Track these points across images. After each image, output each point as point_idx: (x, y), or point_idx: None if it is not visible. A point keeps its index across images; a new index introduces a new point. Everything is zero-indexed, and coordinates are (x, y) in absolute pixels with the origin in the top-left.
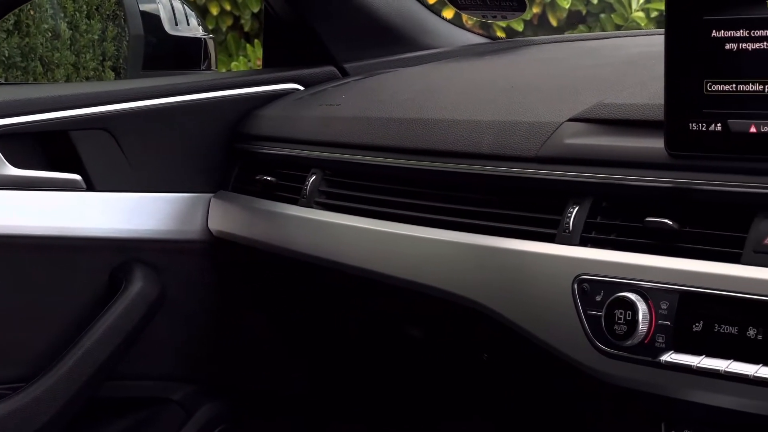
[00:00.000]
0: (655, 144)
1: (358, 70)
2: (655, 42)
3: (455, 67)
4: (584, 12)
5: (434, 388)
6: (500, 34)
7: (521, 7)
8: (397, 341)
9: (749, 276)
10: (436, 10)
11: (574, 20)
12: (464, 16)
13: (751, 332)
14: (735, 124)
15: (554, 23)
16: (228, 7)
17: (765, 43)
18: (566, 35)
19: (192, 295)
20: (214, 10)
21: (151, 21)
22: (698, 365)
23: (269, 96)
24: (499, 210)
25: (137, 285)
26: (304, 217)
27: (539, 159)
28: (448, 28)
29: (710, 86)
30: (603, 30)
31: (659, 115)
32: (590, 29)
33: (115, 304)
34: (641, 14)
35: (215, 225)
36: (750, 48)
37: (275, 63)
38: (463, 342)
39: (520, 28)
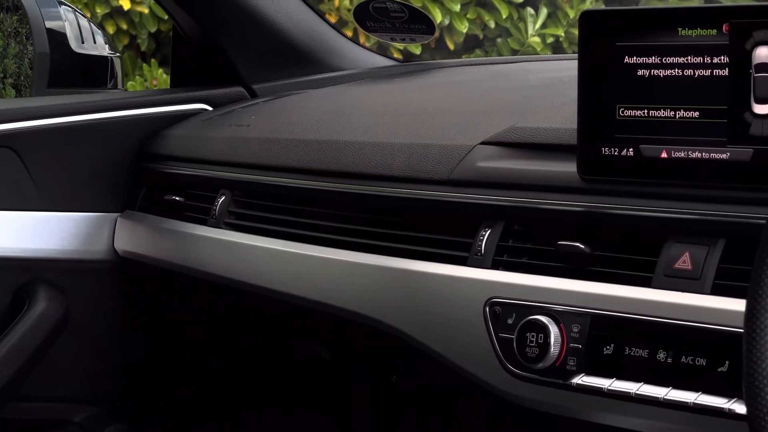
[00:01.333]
0: (568, 168)
1: (267, 91)
2: (565, 66)
3: (366, 89)
4: (481, 36)
5: (343, 410)
6: (397, 56)
7: (430, 30)
8: (306, 363)
9: (659, 300)
10: (345, 34)
11: (470, 44)
12: (362, 37)
13: (661, 355)
14: (646, 149)
15: (451, 47)
16: (124, 26)
17: (676, 70)
18: (476, 59)
19: (97, 315)
20: (111, 29)
21: (57, 38)
22: (609, 388)
23: (177, 116)
24: (412, 232)
25: (41, 305)
26: (213, 238)
27: (451, 182)
28: (357, 50)
29: (622, 111)
30: (500, 54)
31: (572, 139)
32: (487, 54)
33: (18, 324)
34: (537, 39)
35: (121, 245)
36: (662, 74)
37: (183, 83)
38: (373, 364)
39: (417, 51)
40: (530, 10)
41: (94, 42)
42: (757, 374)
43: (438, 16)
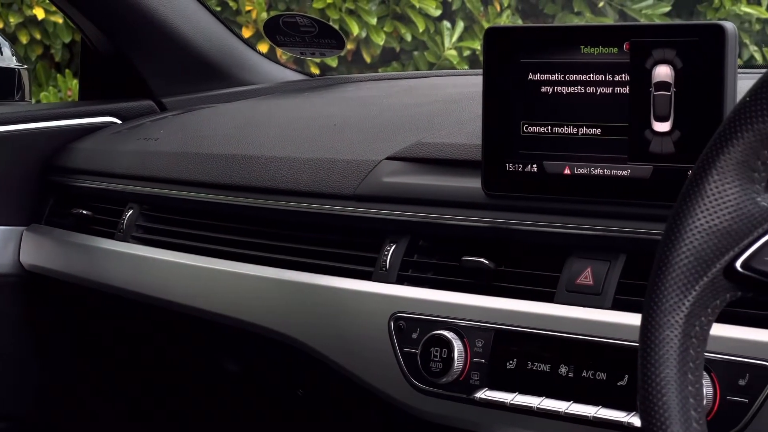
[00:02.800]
0: (472, 183)
1: (176, 104)
2: (473, 82)
3: (274, 104)
4: (398, 49)
5: (250, 423)
6: (314, 69)
7: (340, 45)
8: (214, 376)
9: (561, 315)
10: (256, 48)
11: (387, 57)
12: (279, 52)
13: (563, 370)
14: (550, 165)
15: (368, 60)
16: (38, 36)
17: (579, 87)
18: (384, 73)
19: (3, 330)
20: (24, 39)
21: None
22: (511, 402)
23: (85, 129)
24: (318, 247)
25: None
26: (120, 252)
27: (357, 197)
28: (267, 65)
29: (526, 128)
30: (416, 67)
31: (477, 154)
32: (404, 67)
33: None
34: (454, 53)
35: (27, 259)
36: (565, 91)
37: (91, 96)
38: (279, 378)
39: (334, 64)
40: (447, 24)
41: (1, 53)
42: (651, 388)
43: (355, 29)
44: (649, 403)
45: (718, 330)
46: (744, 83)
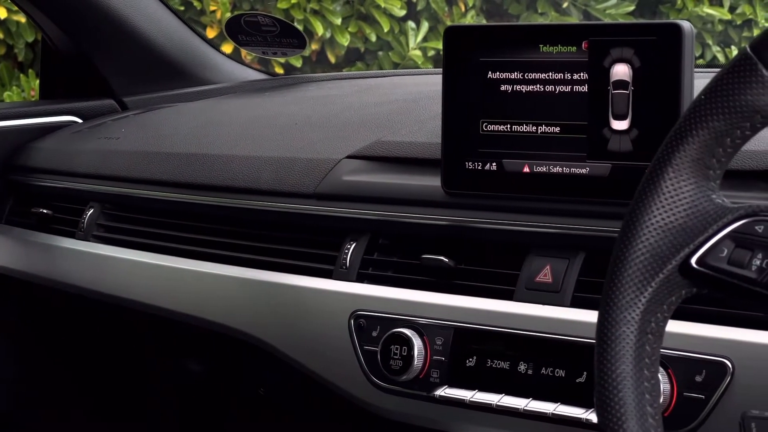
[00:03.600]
0: (432, 182)
1: (137, 103)
2: (434, 81)
3: (236, 103)
4: (362, 49)
5: (213, 422)
6: (279, 70)
7: (301, 44)
8: (176, 375)
9: (520, 312)
10: (218, 47)
11: (352, 57)
12: (243, 52)
13: (522, 367)
14: (509, 163)
15: (332, 60)
16: (1, 36)
17: (538, 86)
18: (346, 72)
19: None
20: None
21: None
22: (471, 399)
23: (46, 128)
24: (279, 245)
25: None
26: (81, 251)
27: (317, 195)
28: (228, 64)
29: (486, 126)
30: (381, 67)
31: (437, 153)
32: (368, 67)
33: None
34: (418, 53)
35: None
36: (524, 90)
37: (52, 95)
38: (241, 376)
39: (298, 64)
40: (411, 24)
41: None
42: (607, 384)
43: (319, 29)
44: (606, 399)
45: (676, 327)
46: (701, 82)
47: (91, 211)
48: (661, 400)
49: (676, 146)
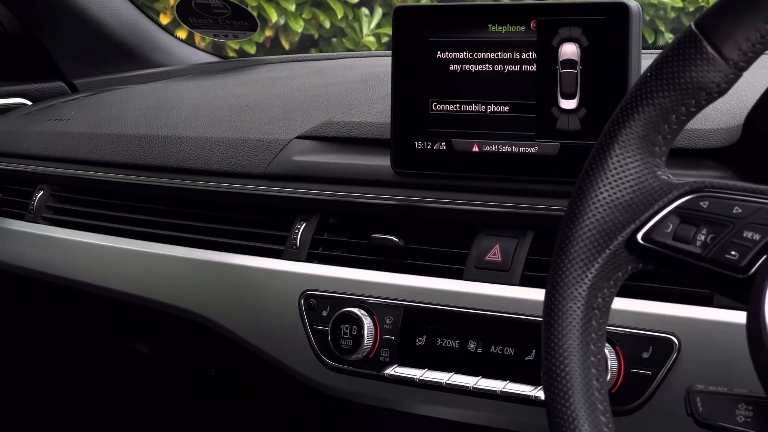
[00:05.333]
0: (382, 162)
1: (88, 86)
2: (384, 63)
3: (187, 85)
4: (316, 36)
5: (162, 403)
6: (232, 54)
7: (253, 27)
8: (126, 357)
9: (470, 291)
10: (169, 30)
11: (306, 44)
12: (197, 37)
13: (472, 345)
14: (458, 143)
15: (287, 46)
16: None
17: (487, 65)
18: (296, 55)
19: None
20: None
21: None
22: (421, 378)
23: None
24: (229, 226)
25: None
26: (31, 233)
27: (267, 176)
28: (179, 47)
29: (435, 106)
30: None
31: (386, 133)
32: (322, 52)
33: None
34: (372, 39)
35: None
36: (473, 69)
37: (1, 77)
38: (191, 357)
39: (252, 50)
40: (365, 10)
41: None
42: (554, 359)
43: (273, 16)
44: (552, 374)
45: (623, 304)
46: (648, 62)
47: (41, 193)
48: (609, 377)
49: (622, 123)
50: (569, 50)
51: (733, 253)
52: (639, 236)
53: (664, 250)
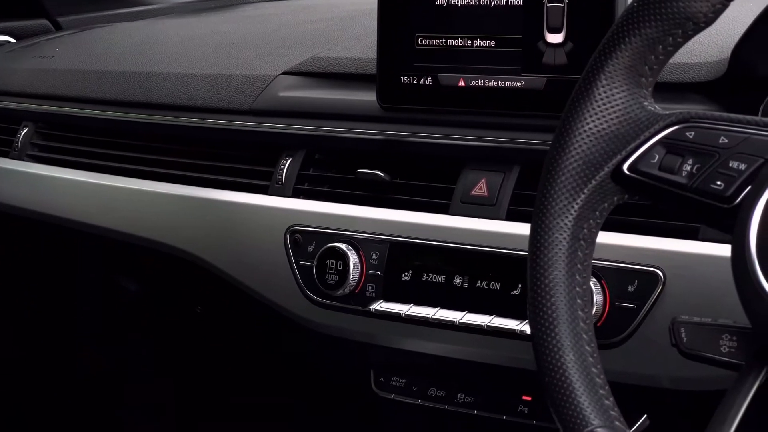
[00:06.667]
0: (368, 97)
1: (72, 23)
2: (371, 0)
3: (172, 23)
4: None
5: (149, 341)
6: None
7: None
8: (112, 294)
9: (456, 226)
10: None
11: None
12: None
13: (458, 280)
14: (444, 77)
15: None
16: None
17: None
18: None
19: None
20: None
21: None
22: (407, 313)
23: None
24: (215, 162)
25: None
26: (15, 170)
27: (253, 111)
28: None
29: (421, 41)
30: None
31: (372, 68)
32: None
33: None
34: None
35: None
36: (459, 3)
37: None
38: (177, 295)
39: None
40: None
41: None
42: (540, 290)
43: None
44: (538, 305)
45: (608, 238)
46: None
47: (25, 130)
48: (594, 311)
49: (609, 54)
50: None
51: (718, 183)
52: (625, 167)
53: (650, 180)
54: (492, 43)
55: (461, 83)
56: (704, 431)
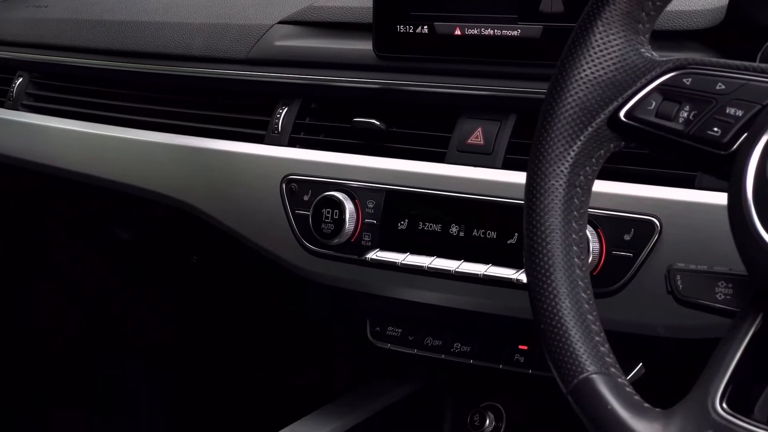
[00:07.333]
0: (364, 46)
1: None
2: None
3: None
4: None
5: (143, 291)
6: None
7: None
8: (107, 245)
9: (452, 174)
10: None
11: None
12: None
13: (454, 229)
14: (440, 26)
15: None
16: None
17: None
18: None
19: None
20: None
21: None
22: (403, 262)
23: None
24: (210, 112)
25: None
26: (10, 120)
27: (249, 61)
28: None
29: None
30: None
31: (368, 17)
32: None
33: None
34: None
35: None
36: None
37: None
38: (172, 245)
39: None
40: None
41: None
42: (536, 236)
43: None
44: (534, 251)
45: (605, 187)
46: None
47: (20, 80)
48: (590, 260)
49: (606, 0)
50: None
51: (715, 129)
52: (622, 113)
53: (647, 127)
54: None
55: (457, 32)
56: (699, 378)
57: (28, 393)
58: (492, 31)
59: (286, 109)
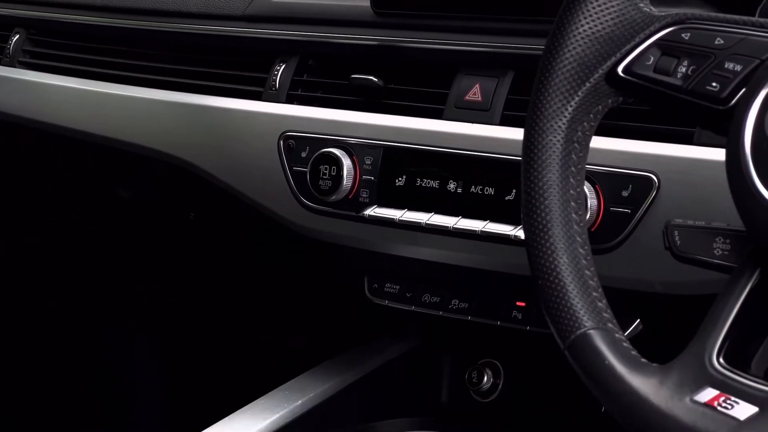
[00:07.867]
0: (362, 2)
1: None
2: None
3: None
4: None
5: (141, 248)
6: None
7: None
8: (105, 202)
9: (450, 131)
10: None
11: None
12: None
13: (451, 186)
14: None
15: None
16: None
17: None
18: None
19: None
20: None
21: None
22: (400, 218)
23: None
24: (207, 68)
25: None
26: (7, 77)
27: (246, 17)
28: None
29: None
30: None
31: None
32: None
33: None
34: None
35: None
36: None
37: None
38: (170, 202)
39: None
40: None
41: None
42: (534, 192)
43: None
44: (532, 206)
45: (603, 143)
46: None
47: (17, 37)
48: (588, 216)
49: None
50: None
51: (714, 84)
52: (620, 69)
53: (645, 82)
54: None
55: None
56: (696, 334)
57: (27, 364)
58: None
59: (283, 66)
